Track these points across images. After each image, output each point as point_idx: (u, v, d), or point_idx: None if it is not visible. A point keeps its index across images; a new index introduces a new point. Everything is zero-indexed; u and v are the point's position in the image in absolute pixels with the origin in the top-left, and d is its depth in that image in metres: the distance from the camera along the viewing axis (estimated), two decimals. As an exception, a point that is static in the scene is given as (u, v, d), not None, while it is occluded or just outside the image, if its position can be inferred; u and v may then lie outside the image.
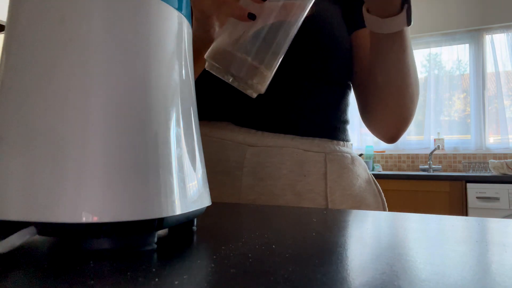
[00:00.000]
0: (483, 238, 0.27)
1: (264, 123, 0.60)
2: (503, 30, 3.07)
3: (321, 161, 0.59)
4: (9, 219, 0.20)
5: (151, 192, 0.22)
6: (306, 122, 0.61)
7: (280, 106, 0.60)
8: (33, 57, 0.22)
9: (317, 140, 0.61)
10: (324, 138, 0.61)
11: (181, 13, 0.27)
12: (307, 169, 0.58)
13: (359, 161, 0.65)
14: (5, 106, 0.22)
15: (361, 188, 0.62)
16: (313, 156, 0.59)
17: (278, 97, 0.59)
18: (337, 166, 0.60)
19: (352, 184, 0.61)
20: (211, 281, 0.17)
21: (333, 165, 0.60)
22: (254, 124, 0.60)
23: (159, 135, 0.23)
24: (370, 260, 0.21)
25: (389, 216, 0.37)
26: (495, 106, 3.07)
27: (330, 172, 0.59)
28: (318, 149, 0.60)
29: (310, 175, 0.58)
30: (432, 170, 3.03)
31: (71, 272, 0.18)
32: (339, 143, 0.63)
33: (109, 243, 0.22)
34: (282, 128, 0.59)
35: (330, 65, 0.60)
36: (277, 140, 0.59)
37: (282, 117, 0.60)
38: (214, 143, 0.60)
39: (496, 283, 0.17)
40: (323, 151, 0.60)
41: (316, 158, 0.59)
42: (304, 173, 0.58)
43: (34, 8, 0.22)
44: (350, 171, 0.62)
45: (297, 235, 0.27)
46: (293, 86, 0.60)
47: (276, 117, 0.60)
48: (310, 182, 0.58)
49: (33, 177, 0.20)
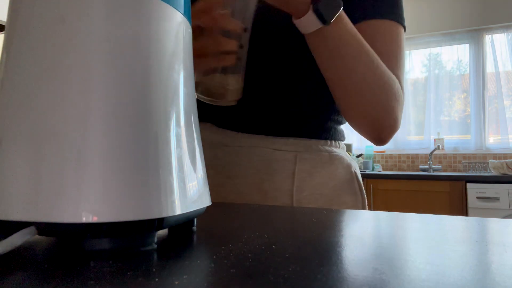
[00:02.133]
0: (483, 238, 0.27)
1: (240, 124, 0.62)
2: (503, 30, 3.07)
3: (291, 160, 0.60)
4: (9, 219, 0.20)
5: (151, 192, 0.22)
6: (281, 122, 0.61)
7: (255, 108, 0.61)
8: (33, 57, 0.22)
9: (292, 139, 0.61)
10: (300, 138, 0.61)
11: (181, 13, 0.27)
12: (274, 168, 0.60)
13: (341, 160, 0.64)
14: (5, 106, 0.22)
15: (336, 188, 0.62)
16: (282, 155, 0.60)
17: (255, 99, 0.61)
18: (309, 165, 0.61)
19: (325, 184, 0.61)
20: (211, 281, 0.17)
21: (303, 164, 0.60)
22: (231, 126, 0.63)
23: (159, 135, 0.23)
24: (370, 260, 0.21)
25: (389, 216, 0.37)
26: (495, 106, 3.07)
27: (300, 171, 0.60)
28: (289, 148, 0.60)
29: (277, 174, 0.59)
30: (432, 170, 3.03)
31: (71, 272, 0.18)
32: (319, 142, 0.62)
33: (109, 243, 0.22)
34: (255, 129, 0.61)
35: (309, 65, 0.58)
36: (248, 140, 0.61)
37: (255, 118, 0.62)
38: None
39: (496, 283, 0.17)
40: (295, 150, 0.61)
41: (285, 157, 0.60)
42: (271, 172, 0.60)
43: (34, 8, 0.22)
44: (324, 170, 0.61)
45: (297, 235, 0.27)
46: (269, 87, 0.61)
47: (250, 118, 0.62)
48: (277, 181, 0.59)
49: (34, 177, 0.20)
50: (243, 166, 0.60)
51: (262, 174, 0.60)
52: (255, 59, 0.60)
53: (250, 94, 0.60)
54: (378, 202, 2.69)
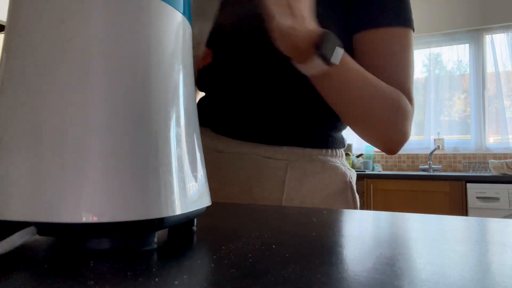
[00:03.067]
0: (483, 238, 0.27)
1: (233, 131, 0.63)
2: (503, 30, 3.07)
3: (282, 168, 0.60)
4: (9, 219, 0.20)
5: (151, 192, 0.22)
6: (274, 130, 0.61)
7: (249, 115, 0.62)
8: (33, 57, 0.22)
9: (285, 148, 0.61)
10: (293, 146, 0.61)
11: (181, 13, 0.27)
12: (264, 176, 0.60)
13: (335, 169, 0.63)
14: (5, 106, 0.22)
15: (327, 198, 0.61)
16: (274, 163, 0.60)
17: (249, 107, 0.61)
18: (300, 173, 0.60)
19: (315, 193, 0.60)
20: (211, 281, 0.17)
21: (294, 172, 0.60)
22: (225, 132, 0.63)
23: (159, 135, 0.23)
24: (370, 260, 0.21)
25: (389, 216, 0.37)
26: (495, 106, 3.07)
27: (290, 179, 0.60)
28: (281, 157, 0.60)
29: (267, 182, 0.60)
30: (432, 170, 3.03)
31: (71, 272, 0.18)
32: (312, 151, 0.62)
33: (109, 243, 0.22)
34: (247, 136, 0.62)
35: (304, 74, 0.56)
36: (242, 146, 0.61)
37: (248, 126, 0.62)
38: None
39: (496, 283, 0.17)
40: (287, 158, 0.60)
41: (276, 165, 0.60)
42: (261, 180, 0.60)
43: (34, 8, 0.22)
44: (315, 180, 0.61)
45: (297, 235, 0.27)
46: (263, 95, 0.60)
47: (243, 125, 0.62)
48: (266, 188, 0.59)
49: (33, 177, 0.20)
50: (234, 172, 0.61)
51: (252, 182, 0.60)
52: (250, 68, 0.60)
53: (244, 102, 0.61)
54: (378, 202, 2.69)
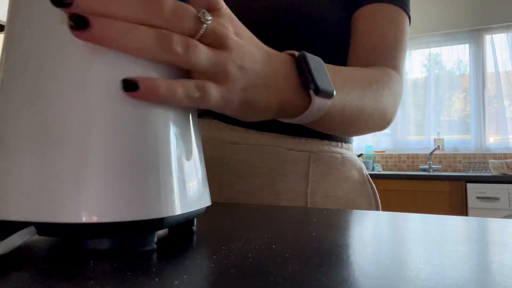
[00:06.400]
0: (483, 238, 0.27)
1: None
2: (503, 30, 3.07)
3: (305, 161, 0.58)
4: (9, 219, 0.20)
5: (151, 192, 0.22)
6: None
7: None
8: (33, 57, 0.22)
9: (304, 139, 0.59)
10: (312, 138, 0.60)
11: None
12: (287, 169, 0.57)
13: (352, 162, 0.63)
14: (5, 107, 0.22)
15: (350, 190, 0.61)
16: (296, 155, 0.58)
17: None
18: (323, 166, 0.59)
19: (338, 186, 0.60)
20: (211, 281, 0.17)
21: (317, 165, 0.59)
22: (239, 122, 0.59)
23: (159, 135, 0.23)
24: (370, 260, 0.21)
25: (389, 216, 0.37)
26: (495, 106, 3.07)
27: (313, 172, 0.58)
28: (303, 149, 0.59)
29: (291, 174, 0.57)
30: (432, 170, 3.03)
31: (71, 272, 0.18)
32: (331, 143, 0.61)
33: (109, 243, 0.22)
34: (267, 127, 0.59)
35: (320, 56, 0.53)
36: (260, 138, 0.58)
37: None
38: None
39: (496, 283, 0.17)
40: (309, 150, 0.59)
41: (298, 157, 0.58)
42: (284, 173, 0.57)
43: (34, 8, 0.22)
44: (338, 172, 0.60)
45: (297, 235, 0.27)
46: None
47: None
48: (290, 182, 0.57)
49: (33, 177, 0.20)
50: (255, 165, 0.57)
51: (276, 175, 0.57)
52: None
53: None
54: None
